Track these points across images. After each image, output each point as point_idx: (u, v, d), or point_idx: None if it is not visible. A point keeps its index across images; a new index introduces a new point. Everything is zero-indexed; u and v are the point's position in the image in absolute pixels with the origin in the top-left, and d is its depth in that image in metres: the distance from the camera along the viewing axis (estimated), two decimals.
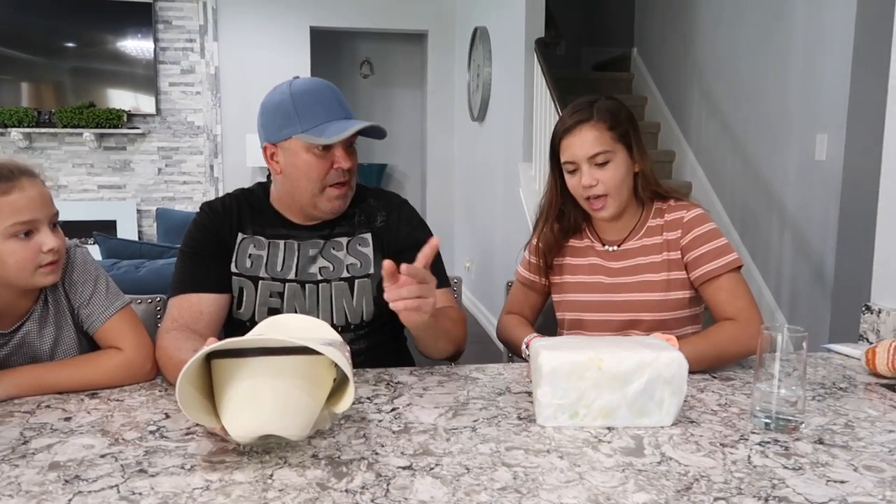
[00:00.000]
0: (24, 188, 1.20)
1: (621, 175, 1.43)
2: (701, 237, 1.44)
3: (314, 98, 1.40)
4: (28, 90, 5.61)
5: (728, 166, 3.83)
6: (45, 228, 1.23)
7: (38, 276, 1.23)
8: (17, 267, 1.21)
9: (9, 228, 1.18)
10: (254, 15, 5.86)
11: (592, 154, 1.41)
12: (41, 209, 1.22)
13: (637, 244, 1.50)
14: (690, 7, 4.26)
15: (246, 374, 0.92)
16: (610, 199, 1.44)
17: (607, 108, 1.44)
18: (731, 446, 0.98)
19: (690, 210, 1.47)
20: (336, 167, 1.40)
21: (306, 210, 1.46)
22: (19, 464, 0.93)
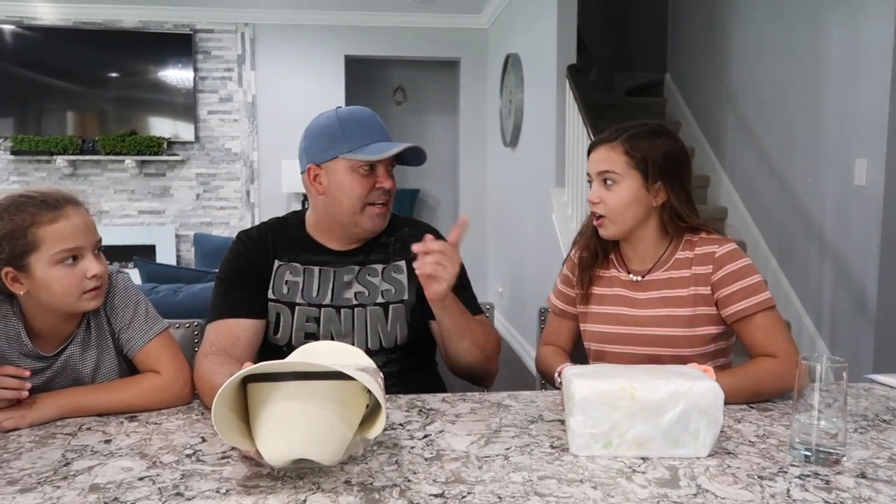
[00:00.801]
0: (70, 217, 1.25)
1: (624, 201, 1.43)
2: (733, 274, 1.40)
3: (359, 122, 1.47)
4: (73, 119, 5.79)
5: (764, 191, 3.78)
6: (90, 255, 1.26)
7: (83, 301, 1.27)
8: (63, 293, 1.24)
9: (55, 255, 1.22)
10: (290, 45, 5.99)
11: (600, 171, 1.44)
12: (85, 237, 1.26)
13: (664, 276, 1.47)
14: (724, 31, 4.25)
15: (280, 398, 0.94)
16: (608, 221, 1.45)
17: (636, 135, 1.44)
18: (770, 479, 0.96)
19: (723, 245, 1.44)
20: (378, 186, 1.46)
21: (347, 230, 1.49)
22: (61, 485, 0.96)
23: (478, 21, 6.12)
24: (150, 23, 5.80)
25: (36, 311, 1.29)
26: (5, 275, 1.23)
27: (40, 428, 1.19)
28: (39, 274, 1.23)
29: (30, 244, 1.21)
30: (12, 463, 1.04)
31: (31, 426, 1.20)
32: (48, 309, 1.28)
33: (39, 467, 1.02)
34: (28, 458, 1.06)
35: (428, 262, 1.27)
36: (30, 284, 1.24)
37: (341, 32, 6.03)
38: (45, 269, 1.22)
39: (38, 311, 1.29)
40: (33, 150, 5.57)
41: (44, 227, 1.22)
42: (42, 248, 1.22)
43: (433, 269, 1.27)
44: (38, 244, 1.22)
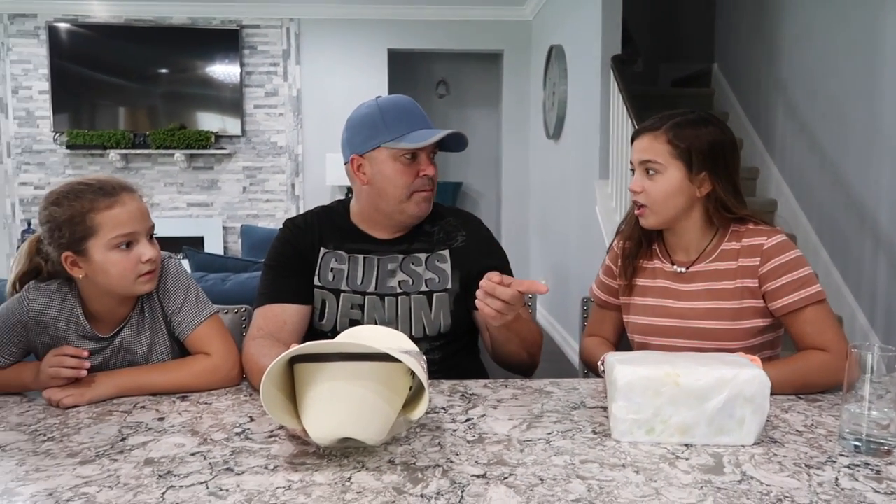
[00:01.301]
0: (125, 203, 1.29)
1: (666, 191, 1.40)
2: (782, 266, 1.36)
3: (400, 110, 1.48)
4: (125, 114, 5.95)
5: (816, 183, 3.69)
6: (144, 240, 1.31)
7: (138, 284, 1.31)
8: (119, 276, 1.29)
9: (112, 240, 1.27)
10: (334, 39, 6.05)
11: (642, 160, 1.42)
12: (140, 222, 1.31)
13: (709, 268, 1.44)
14: (774, 19, 4.15)
15: (326, 378, 0.96)
16: (648, 211, 1.43)
17: (681, 123, 1.41)
18: (818, 468, 0.95)
19: (771, 236, 1.40)
20: (422, 174, 1.47)
21: (392, 217, 1.51)
22: (118, 459, 1.00)
23: (521, 13, 6.09)
24: (198, 19, 5.92)
25: (93, 295, 1.34)
26: (65, 259, 1.29)
27: (98, 405, 1.24)
28: (97, 258, 1.27)
29: (88, 229, 1.27)
30: (72, 437, 1.09)
31: (90, 403, 1.25)
32: (105, 292, 1.33)
33: (98, 441, 1.06)
34: (87, 433, 1.11)
35: (492, 306, 1.23)
36: (88, 268, 1.29)
37: (385, 26, 6.07)
38: (103, 254, 1.27)
39: (96, 295, 1.34)
40: (88, 144, 5.75)
41: (101, 213, 1.27)
42: (99, 233, 1.27)
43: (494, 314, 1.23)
44: (95, 229, 1.27)
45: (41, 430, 1.12)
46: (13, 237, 5.95)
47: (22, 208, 5.96)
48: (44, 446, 1.05)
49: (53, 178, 5.91)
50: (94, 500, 0.86)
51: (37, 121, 5.88)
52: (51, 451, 1.03)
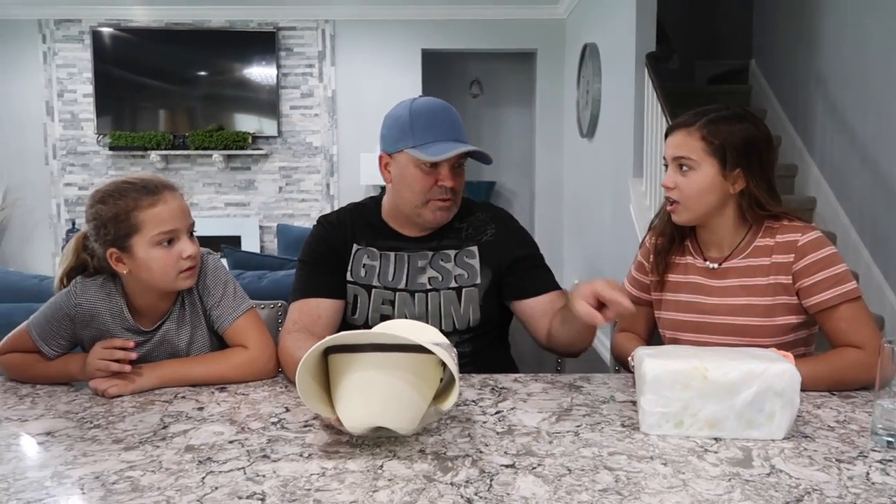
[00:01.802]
0: (167, 201, 1.34)
1: (699, 187, 1.39)
2: (817, 263, 1.35)
3: (429, 118, 1.48)
4: (165, 116, 6.09)
5: (857, 181, 3.61)
6: (185, 237, 1.36)
7: (179, 280, 1.36)
8: (161, 272, 1.34)
9: (154, 237, 1.32)
10: (368, 40, 6.11)
11: (676, 157, 1.41)
12: (181, 220, 1.35)
13: (742, 263, 1.43)
14: (813, 15, 4.08)
15: (360, 368, 0.99)
16: (681, 207, 1.42)
17: (715, 119, 1.40)
18: (849, 462, 0.94)
19: (806, 233, 1.38)
20: (440, 185, 1.47)
21: (411, 219, 1.53)
22: (160, 445, 1.04)
23: (555, 11, 6.07)
24: (236, 22, 6.03)
25: (136, 290, 1.40)
26: (110, 255, 1.34)
27: (141, 395, 1.29)
28: (140, 254, 1.32)
29: (132, 227, 1.32)
30: (117, 424, 1.13)
31: (133, 393, 1.30)
32: (147, 287, 1.38)
33: (141, 429, 1.11)
34: (130, 420, 1.15)
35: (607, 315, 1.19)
36: (132, 264, 1.34)
37: (418, 26, 6.11)
38: (146, 250, 1.32)
39: (139, 290, 1.39)
40: (129, 146, 5.90)
41: (144, 210, 1.32)
42: (142, 230, 1.32)
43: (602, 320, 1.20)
44: (139, 227, 1.32)
45: (88, 417, 1.17)
46: (58, 236, 6.13)
47: (67, 208, 6.13)
48: (90, 433, 1.09)
49: (97, 179, 6.07)
50: (138, 484, 0.90)
51: (81, 123, 6.05)
52: (97, 437, 1.08)
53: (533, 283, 1.54)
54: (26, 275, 2.55)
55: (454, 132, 1.49)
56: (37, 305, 2.27)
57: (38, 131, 6.05)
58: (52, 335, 1.39)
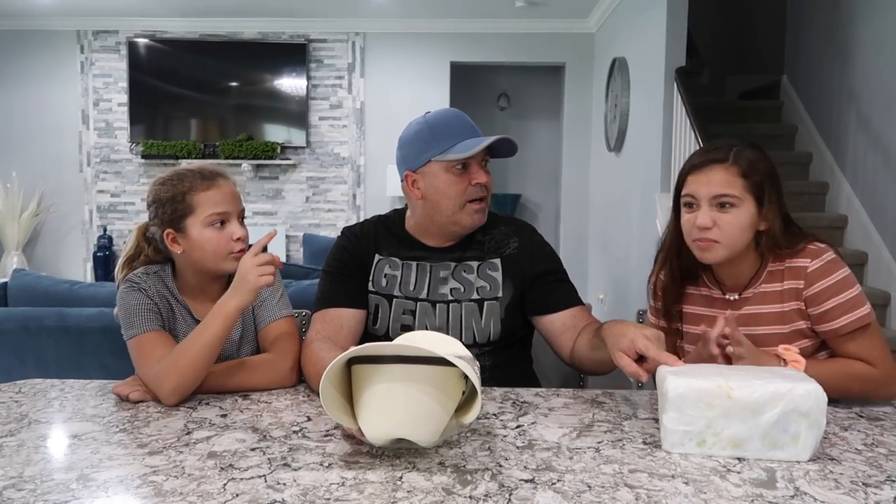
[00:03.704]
0: (220, 186, 1.44)
1: (741, 225, 1.34)
2: (828, 290, 1.32)
3: (447, 123, 1.51)
4: (196, 125, 6.20)
5: (890, 199, 3.55)
6: (235, 220, 1.44)
7: (228, 261, 1.42)
8: (213, 252, 1.41)
9: (207, 218, 1.41)
10: (398, 52, 6.16)
11: (716, 195, 1.33)
12: (233, 204, 1.44)
13: (757, 291, 1.40)
14: (847, 30, 4.02)
15: (383, 379, 0.99)
16: (720, 246, 1.34)
17: (746, 155, 1.36)
18: (876, 486, 0.92)
19: (815, 259, 1.34)
20: (474, 183, 1.49)
21: (446, 229, 1.54)
22: (183, 451, 1.05)
23: (584, 25, 6.07)
24: (268, 34, 6.12)
25: (188, 277, 1.47)
26: (167, 235, 1.43)
27: None
28: (194, 235, 1.41)
29: (188, 207, 1.41)
30: (142, 430, 1.15)
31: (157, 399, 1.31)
32: (197, 269, 1.45)
33: (165, 434, 1.12)
34: (155, 426, 1.17)
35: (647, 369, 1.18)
36: (186, 244, 1.42)
37: (447, 39, 6.15)
38: (199, 231, 1.41)
39: (190, 276, 1.47)
40: (161, 154, 6.00)
41: (199, 193, 1.41)
42: (197, 211, 1.41)
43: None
44: (193, 208, 1.41)
45: (113, 422, 1.19)
46: (90, 242, 6.26)
47: (99, 215, 6.26)
48: (116, 437, 1.11)
49: (129, 187, 6.19)
50: (161, 488, 0.92)
51: (115, 132, 6.18)
52: (122, 441, 1.09)
53: (555, 298, 1.54)
54: (58, 279, 2.60)
55: (473, 131, 1.52)
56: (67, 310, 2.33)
57: (74, 139, 6.19)
58: (146, 312, 1.39)
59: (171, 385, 1.27)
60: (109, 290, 2.51)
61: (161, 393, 1.28)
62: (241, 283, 1.32)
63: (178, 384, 1.27)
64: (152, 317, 1.40)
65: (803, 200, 4.08)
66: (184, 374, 1.28)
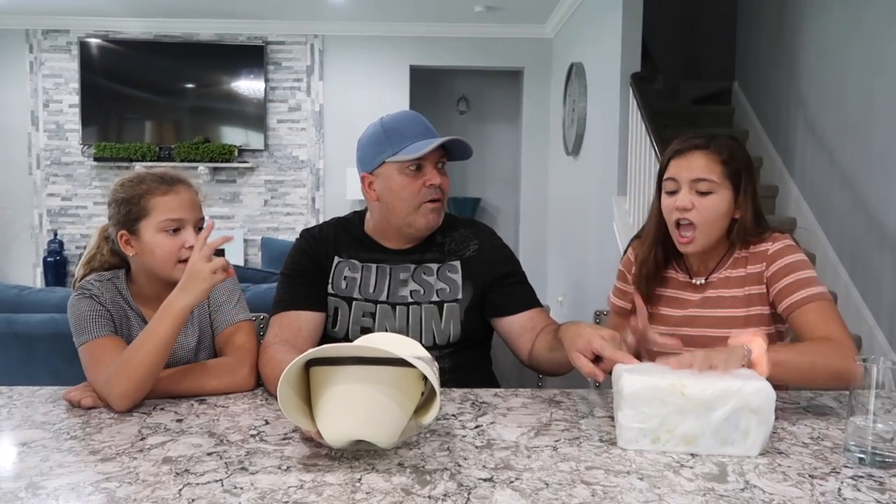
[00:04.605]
0: (179, 192, 1.42)
1: (718, 211, 1.40)
2: (785, 268, 1.39)
3: (401, 125, 1.51)
4: (151, 128, 6.08)
5: (836, 202, 3.67)
6: (190, 229, 1.41)
7: (178, 270, 1.39)
8: (163, 258, 1.39)
9: (161, 223, 1.39)
10: (357, 55, 6.15)
11: (697, 178, 1.40)
12: (189, 212, 1.42)
13: (721, 276, 1.47)
14: (795, 38, 4.15)
15: (341, 380, 0.99)
16: (699, 233, 1.41)
17: (727, 144, 1.43)
18: (821, 478, 0.96)
19: (776, 242, 1.42)
20: (428, 184, 1.49)
21: (402, 231, 1.54)
22: (137, 457, 1.03)
23: (542, 31, 6.14)
24: (225, 35, 6.05)
25: (142, 282, 1.45)
26: (120, 236, 1.42)
27: None
28: (147, 238, 1.39)
29: (143, 210, 1.40)
30: (94, 436, 1.12)
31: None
32: (149, 273, 1.43)
33: (118, 441, 1.10)
34: (108, 432, 1.14)
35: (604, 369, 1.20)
36: (138, 247, 1.41)
37: (407, 43, 6.15)
38: (152, 235, 1.39)
39: (144, 281, 1.45)
40: (114, 157, 5.88)
41: (156, 197, 1.40)
42: (151, 214, 1.39)
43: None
44: (148, 211, 1.39)
45: (64, 429, 1.16)
46: (40, 247, 6.08)
47: (49, 219, 6.09)
48: (66, 444, 1.09)
49: (80, 190, 6.04)
50: (114, 495, 0.90)
51: (66, 133, 6.03)
52: (73, 448, 1.07)
53: (514, 300, 1.55)
54: (6, 285, 2.53)
55: (428, 132, 1.52)
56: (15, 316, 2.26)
57: (23, 141, 6.02)
58: (97, 318, 1.37)
59: (119, 389, 1.24)
60: (60, 296, 2.45)
61: (111, 398, 1.25)
62: (189, 282, 1.30)
63: (127, 388, 1.24)
64: (104, 323, 1.38)
65: None
66: (133, 378, 1.25)
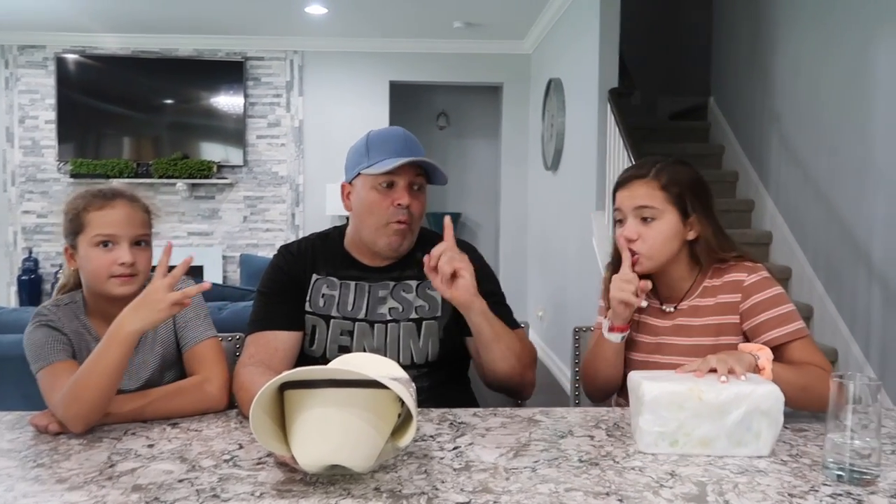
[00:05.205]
0: (115, 207, 1.41)
1: (664, 237, 1.41)
2: (763, 303, 1.39)
3: (384, 140, 1.51)
4: (129, 144, 6.02)
5: (811, 216, 3.71)
6: (125, 245, 1.39)
7: (110, 284, 1.38)
8: (93, 272, 1.39)
9: (93, 238, 1.38)
10: (337, 71, 6.15)
11: (638, 206, 1.42)
12: (124, 228, 1.40)
13: (692, 304, 1.46)
14: (768, 54, 4.22)
15: (316, 404, 0.97)
16: (644, 258, 1.42)
17: (668, 169, 1.43)
18: (801, 497, 0.95)
19: (752, 273, 1.42)
20: (396, 203, 1.47)
21: (371, 247, 1.53)
22: (105, 485, 1.00)
23: (521, 47, 6.18)
24: (203, 51, 6.02)
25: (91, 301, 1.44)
26: (65, 250, 1.43)
27: (88, 432, 1.25)
28: (81, 252, 1.40)
29: (80, 225, 1.39)
30: (62, 463, 1.09)
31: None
32: (92, 291, 1.42)
33: (87, 468, 1.07)
34: (76, 459, 1.11)
35: (444, 263, 1.32)
36: (78, 261, 1.41)
37: (387, 59, 6.16)
38: (86, 249, 1.39)
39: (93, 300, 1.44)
40: (91, 174, 5.80)
41: (91, 212, 1.40)
42: (86, 229, 1.39)
43: (450, 265, 1.32)
44: (84, 226, 1.39)
45: (31, 456, 1.13)
46: (14, 265, 5.98)
47: (24, 236, 6.00)
48: (33, 472, 1.06)
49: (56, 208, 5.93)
50: None
51: (42, 150, 5.95)
52: (39, 476, 1.04)
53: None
54: None
55: (408, 151, 1.49)
56: None
57: None
58: (53, 343, 1.36)
59: (72, 412, 1.22)
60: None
61: (65, 421, 1.23)
62: (144, 307, 1.25)
63: (79, 411, 1.22)
64: (59, 348, 1.36)
65: (731, 217, 4.23)
66: (85, 401, 1.22)
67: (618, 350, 1.46)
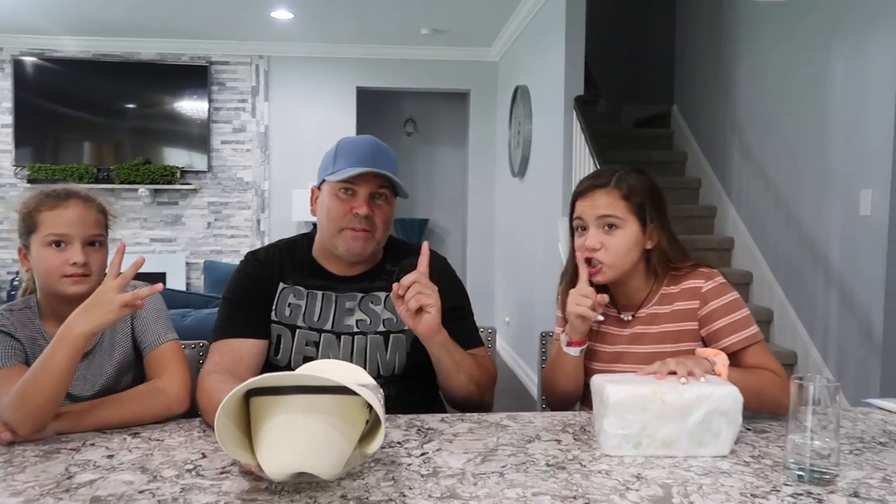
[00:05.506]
0: (68, 207, 1.38)
1: (627, 246, 1.42)
2: (720, 309, 1.42)
3: (352, 148, 1.49)
4: (90, 148, 5.90)
5: (771, 221, 3.80)
6: (77, 245, 1.37)
7: (63, 284, 1.36)
8: (46, 272, 1.37)
9: (45, 237, 1.37)
10: (303, 76, 6.11)
11: (601, 215, 1.42)
12: (76, 228, 1.38)
13: (649, 312, 1.47)
14: (730, 63, 4.30)
15: (282, 410, 0.96)
16: (607, 268, 1.42)
17: (627, 179, 1.44)
18: (763, 497, 0.97)
19: (709, 280, 1.44)
20: (354, 212, 1.46)
21: (330, 251, 1.52)
22: (63, 497, 0.97)
23: (488, 54, 6.22)
24: (167, 55, 5.94)
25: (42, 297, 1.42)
26: (19, 250, 1.41)
27: (45, 443, 1.21)
28: (34, 252, 1.38)
29: (32, 224, 1.38)
30: (16, 476, 1.06)
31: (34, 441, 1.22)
32: (46, 292, 1.40)
33: (43, 480, 1.04)
34: (32, 471, 1.08)
35: (411, 297, 1.30)
36: (31, 261, 1.39)
37: (353, 65, 6.15)
38: (38, 249, 1.37)
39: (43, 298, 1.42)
40: (49, 179, 5.67)
41: (44, 212, 1.38)
42: (38, 229, 1.37)
43: (417, 301, 1.30)
44: (36, 226, 1.38)
45: None
46: None
47: None
48: None
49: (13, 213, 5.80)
50: None
51: None
52: None
53: (453, 337, 1.45)
54: None
55: (373, 161, 1.46)
56: None
57: None
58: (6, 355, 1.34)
59: (20, 414, 1.19)
60: None
61: (13, 424, 1.20)
62: (94, 308, 1.22)
63: (27, 415, 1.19)
64: (11, 353, 1.34)
65: (694, 223, 4.30)
66: (32, 405, 1.19)
67: (577, 363, 1.47)
